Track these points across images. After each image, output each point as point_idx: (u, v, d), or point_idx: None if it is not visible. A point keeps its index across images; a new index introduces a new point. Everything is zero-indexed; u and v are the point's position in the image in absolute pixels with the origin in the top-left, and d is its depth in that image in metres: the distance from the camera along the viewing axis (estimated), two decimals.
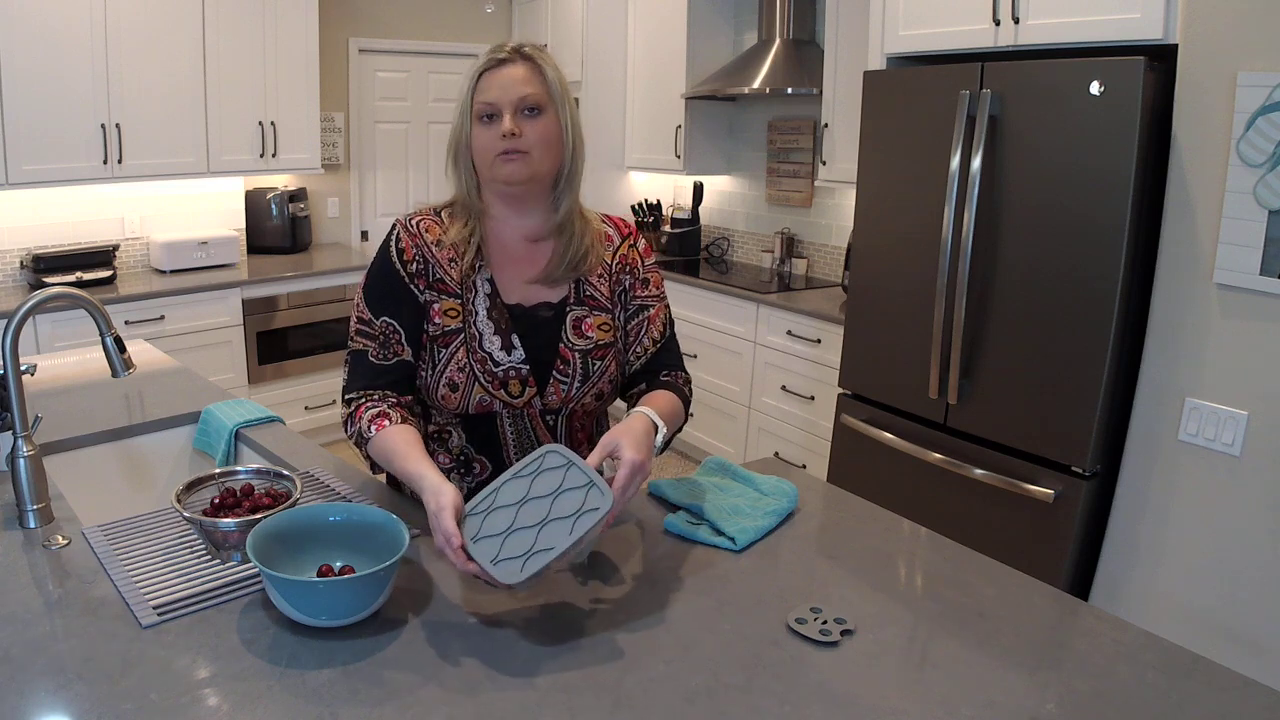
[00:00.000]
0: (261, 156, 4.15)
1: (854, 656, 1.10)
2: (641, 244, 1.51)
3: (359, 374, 1.38)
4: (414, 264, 1.38)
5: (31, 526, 1.35)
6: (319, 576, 1.15)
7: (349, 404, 1.37)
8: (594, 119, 4.75)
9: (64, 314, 3.35)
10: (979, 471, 2.54)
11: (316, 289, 4.16)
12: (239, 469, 1.41)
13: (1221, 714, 1.01)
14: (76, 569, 1.24)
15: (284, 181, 4.48)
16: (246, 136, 4.09)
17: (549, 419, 1.42)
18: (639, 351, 1.48)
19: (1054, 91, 2.27)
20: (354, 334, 1.39)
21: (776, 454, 3.68)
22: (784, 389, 3.67)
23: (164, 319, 3.69)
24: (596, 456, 1.20)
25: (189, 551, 1.29)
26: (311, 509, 1.24)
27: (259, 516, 1.23)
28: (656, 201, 4.90)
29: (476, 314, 1.38)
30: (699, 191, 4.66)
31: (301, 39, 4.18)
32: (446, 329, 1.37)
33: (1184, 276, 2.17)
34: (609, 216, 1.52)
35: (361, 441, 1.34)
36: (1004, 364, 2.47)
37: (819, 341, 3.48)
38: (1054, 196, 2.30)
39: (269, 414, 1.88)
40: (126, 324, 3.55)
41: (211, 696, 0.97)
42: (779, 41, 3.97)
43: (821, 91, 3.69)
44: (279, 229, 4.41)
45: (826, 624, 1.15)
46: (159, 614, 1.12)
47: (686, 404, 1.47)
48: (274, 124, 4.16)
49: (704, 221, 4.83)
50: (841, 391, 3.03)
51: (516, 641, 1.10)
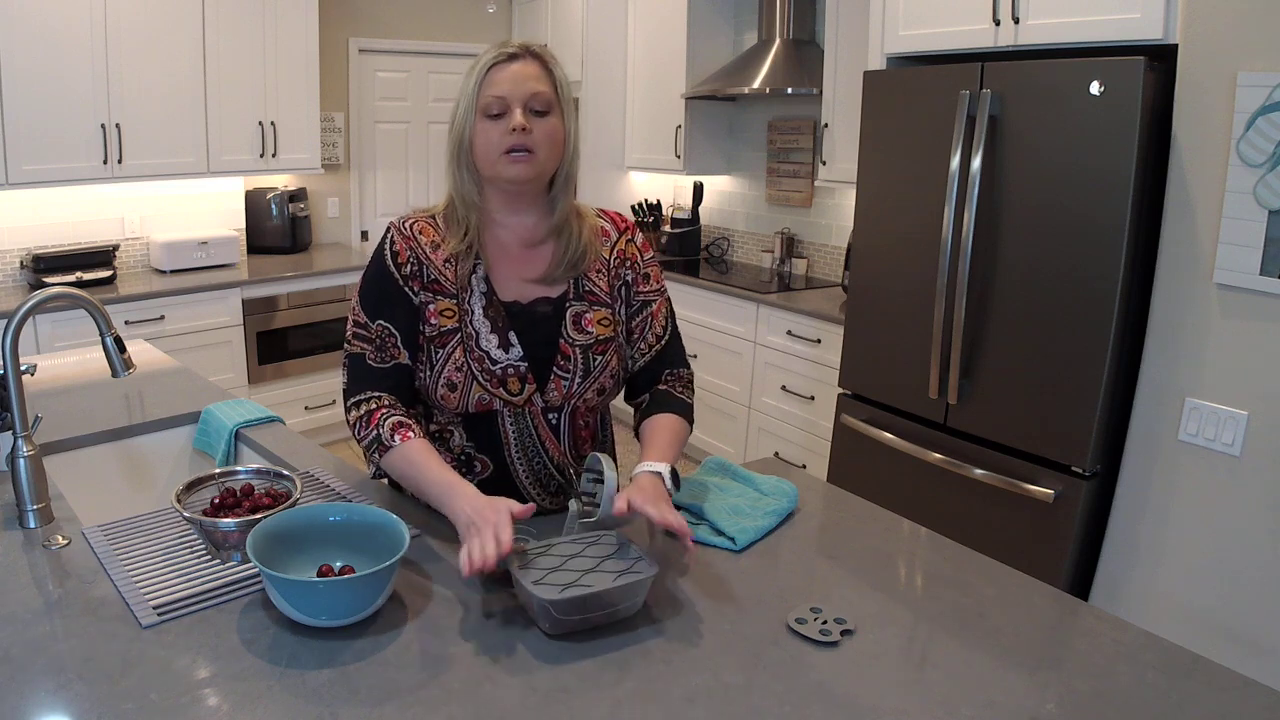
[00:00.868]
0: (261, 156, 4.15)
1: (854, 656, 1.10)
2: (639, 238, 1.51)
3: (359, 377, 1.37)
4: (408, 265, 1.37)
5: (31, 526, 1.35)
6: (319, 576, 1.15)
7: (357, 406, 1.36)
8: (594, 119, 4.75)
9: (64, 314, 3.35)
10: (979, 471, 2.54)
11: (316, 289, 4.16)
12: (239, 469, 1.41)
13: (1221, 714, 1.01)
14: (76, 569, 1.24)
15: (284, 181, 4.48)
16: (246, 136, 4.09)
17: (551, 417, 1.42)
18: (643, 349, 1.48)
19: (1054, 91, 2.27)
20: (350, 338, 1.39)
21: (776, 454, 3.68)
22: (784, 389, 3.67)
23: (164, 319, 3.69)
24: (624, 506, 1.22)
25: (189, 551, 1.29)
26: (311, 509, 1.24)
27: (259, 516, 1.23)
28: (656, 201, 4.90)
29: (472, 313, 1.38)
30: (699, 191, 4.66)
31: (301, 39, 4.18)
32: (443, 329, 1.37)
33: (1184, 276, 2.17)
34: (604, 211, 1.52)
35: (380, 448, 1.32)
36: (1004, 364, 2.47)
37: (819, 341, 3.48)
38: (1054, 196, 2.30)
39: (269, 414, 1.88)
40: (126, 324, 3.55)
41: (211, 696, 0.97)
42: (779, 41, 3.97)
43: (821, 91, 3.69)
44: (279, 229, 4.41)
45: (826, 624, 1.15)
46: (159, 614, 1.12)
47: (689, 411, 1.49)
48: (274, 124, 4.16)
49: (704, 221, 4.83)
50: (841, 391, 3.03)
51: (516, 641, 1.10)
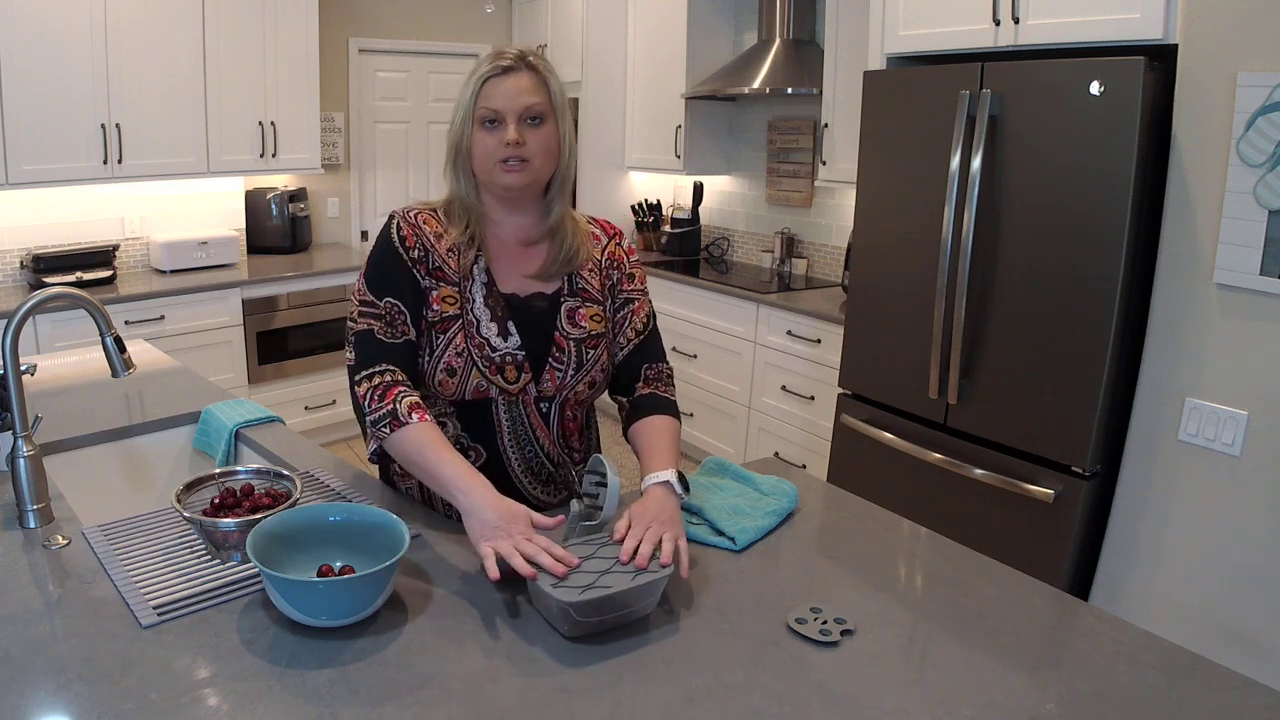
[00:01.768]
0: (261, 156, 4.15)
1: (854, 656, 1.10)
2: (626, 242, 1.58)
3: (369, 350, 1.36)
4: (415, 250, 1.40)
5: (31, 526, 1.35)
6: (319, 576, 1.15)
7: (369, 379, 1.34)
8: (594, 119, 4.75)
9: (64, 314, 3.35)
10: (979, 471, 2.54)
11: (316, 289, 4.16)
12: (239, 469, 1.41)
13: (1221, 714, 1.01)
14: (76, 569, 1.24)
15: (284, 181, 4.48)
16: (246, 136, 4.09)
17: (543, 407, 1.46)
18: (622, 342, 1.53)
19: (1054, 91, 2.27)
20: (356, 315, 1.39)
21: (776, 454, 3.68)
22: (784, 389, 3.67)
23: (164, 319, 3.68)
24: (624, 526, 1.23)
25: (189, 551, 1.29)
26: (311, 509, 1.24)
27: (259, 516, 1.23)
28: (656, 201, 4.90)
29: (474, 301, 1.41)
30: (699, 191, 4.66)
31: (301, 39, 4.18)
32: (445, 315, 1.40)
33: (1184, 276, 2.17)
34: (595, 219, 1.58)
35: (394, 423, 1.29)
36: (1004, 364, 2.47)
37: (819, 341, 3.48)
38: (1054, 196, 2.30)
39: (269, 414, 1.88)
40: (126, 324, 3.55)
41: (211, 696, 0.97)
42: (779, 41, 3.97)
43: (821, 91, 3.69)
44: (279, 229, 4.41)
45: (826, 624, 1.15)
46: (159, 614, 1.12)
47: (676, 408, 1.51)
48: (274, 124, 4.16)
49: (704, 221, 4.83)
50: (841, 391, 3.03)
51: (516, 641, 1.10)
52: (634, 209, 4.90)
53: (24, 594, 1.17)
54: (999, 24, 2.52)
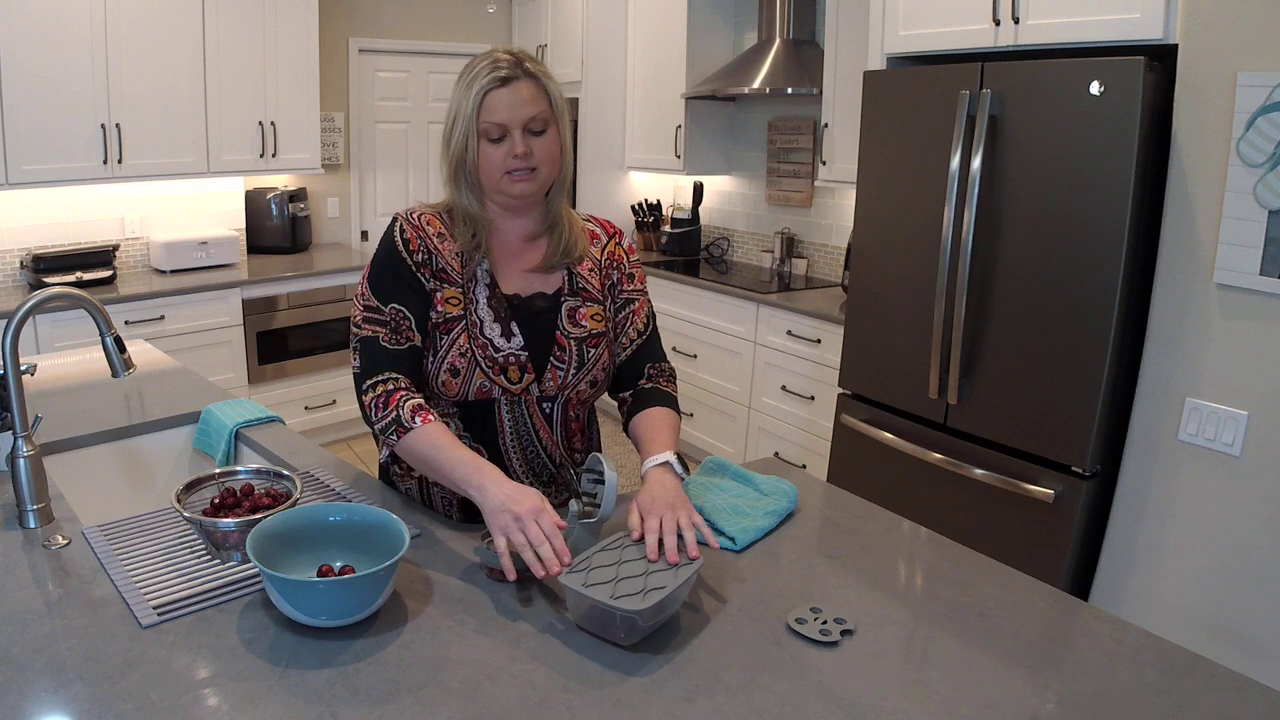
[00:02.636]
0: (261, 156, 4.15)
1: (854, 656, 1.10)
2: (626, 242, 1.58)
3: (375, 359, 1.36)
4: (419, 254, 1.40)
5: (31, 526, 1.35)
6: (319, 576, 1.15)
7: (373, 388, 1.34)
8: (594, 119, 4.75)
9: (64, 314, 3.35)
10: (979, 471, 2.54)
11: (316, 289, 4.16)
12: (239, 469, 1.41)
13: (1221, 714, 1.01)
14: (76, 569, 1.24)
15: (284, 181, 4.48)
16: (246, 136, 4.09)
17: (545, 407, 1.46)
18: (625, 343, 1.53)
19: (1054, 91, 2.27)
20: (361, 321, 1.38)
21: (776, 454, 3.68)
22: (784, 389, 3.67)
23: (164, 319, 3.68)
24: (635, 527, 1.24)
25: (189, 551, 1.29)
26: (311, 509, 1.24)
27: (259, 516, 1.23)
28: (656, 201, 4.90)
29: (477, 302, 1.42)
30: (699, 191, 4.66)
31: (301, 39, 4.18)
32: (449, 315, 1.40)
33: (1184, 276, 2.17)
34: (594, 218, 1.58)
35: (399, 429, 1.30)
36: (1004, 364, 2.47)
37: (819, 341, 3.48)
38: (1054, 196, 2.30)
39: (269, 414, 1.88)
40: (126, 324, 3.55)
41: (211, 696, 0.97)
42: (779, 41, 3.97)
43: (821, 91, 3.69)
44: (279, 229, 4.41)
45: (826, 624, 1.15)
46: (159, 614, 1.12)
47: (676, 403, 1.52)
48: (274, 124, 4.16)
49: (704, 221, 4.83)
50: (841, 391, 3.03)
51: (516, 641, 1.10)
52: (634, 209, 4.90)
53: (24, 594, 1.17)
54: (999, 24, 2.52)
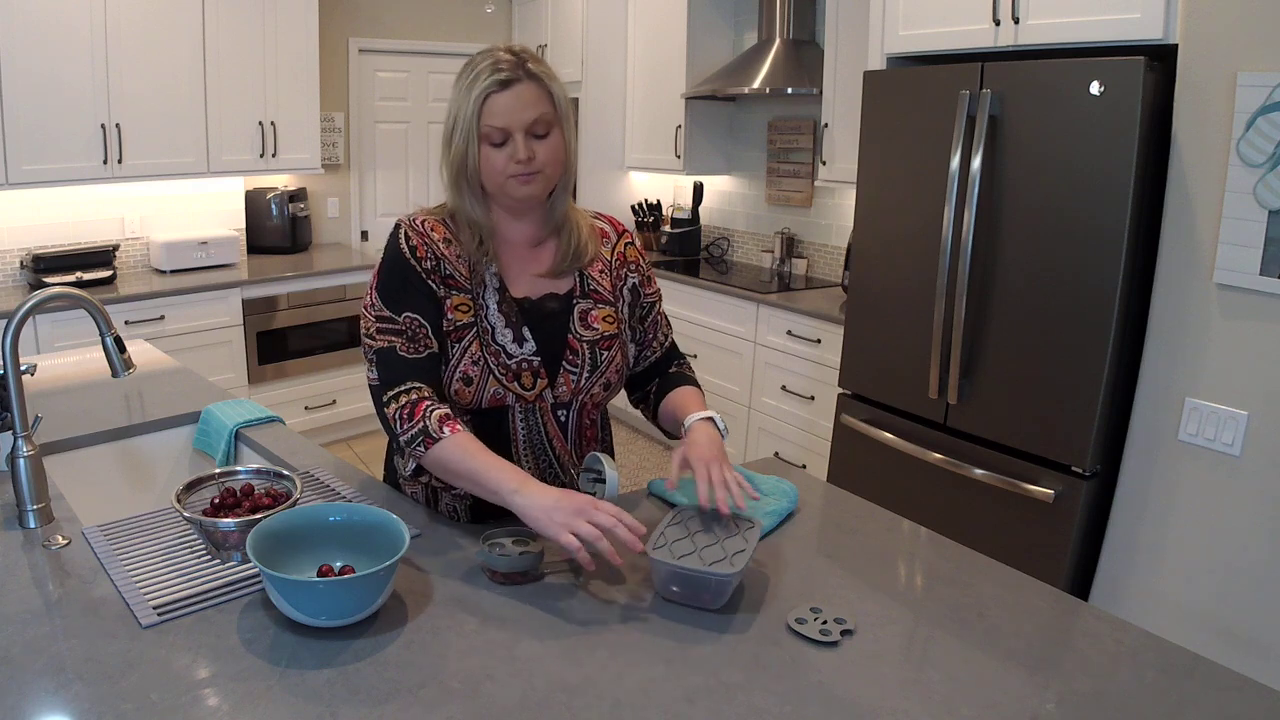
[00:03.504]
0: (261, 156, 4.15)
1: (854, 656, 1.10)
2: (638, 241, 1.57)
3: (394, 369, 1.33)
4: (427, 260, 1.38)
5: (31, 526, 1.35)
6: (319, 576, 1.15)
7: (396, 399, 1.31)
8: (594, 119, 4.75)
9: (64, 314, 3.35)
10: (979, 471, 2.54)
11: (316, 289, 4.16)
12: (239, 469, 1.41)
13: (1221, 714, 1.01)
14: (76, 569, 1.24)
15: (284, 181, 4.48)
16: (246, 136, 4.09)
17: (560, 414, 1.44)
18: (655, 346, 1.56)
19: (1054, 91, 2.27)
20: (375, 333, 1.35)
21: (776, 454, 3.68)
22: (784, 389, 3.67)
23: (164, 319, 3.68)
24: (675, 474, 1.35)
25: (189, 551, 1.29)
26: (311, 509, 1.24)
27: (259, 516, 1.23)
28: (656, 201, 4.90)
29: (487, 308, 1.40)
30: (699, 191, 4.66)
31: (301, 39, 4.18)
32: (459, 324, 1.38)
33: (1184, 276, 2.17)
34: (601, 214, 1.56)
35: (428, 440, 1.28)
36: (1004, 364, 2.47)
37: (819, 341, 3.48)
38: (1054, 197, 2.30)
39: (269, 414, 1.88)
40: (126, 324, 3.55)
41: (211, 696, 0.97)
42: (779, 41, 3.97)
43: (821, 91, 3.69)
44: (279, 229, 4.41)
45: (826, 624, 1.15)
46: (159, 614, 1.12)
47: (701, 389, 1.57)
48: (274, 124, 4.16)
49: (704, 221, 4.83)
50: (841, 391, 3.03)
51: (516, 641, 1.10)
52: (634, 209, 4.90)
53: (24, 594, 1.17)
54: (999, 24, 2.52)
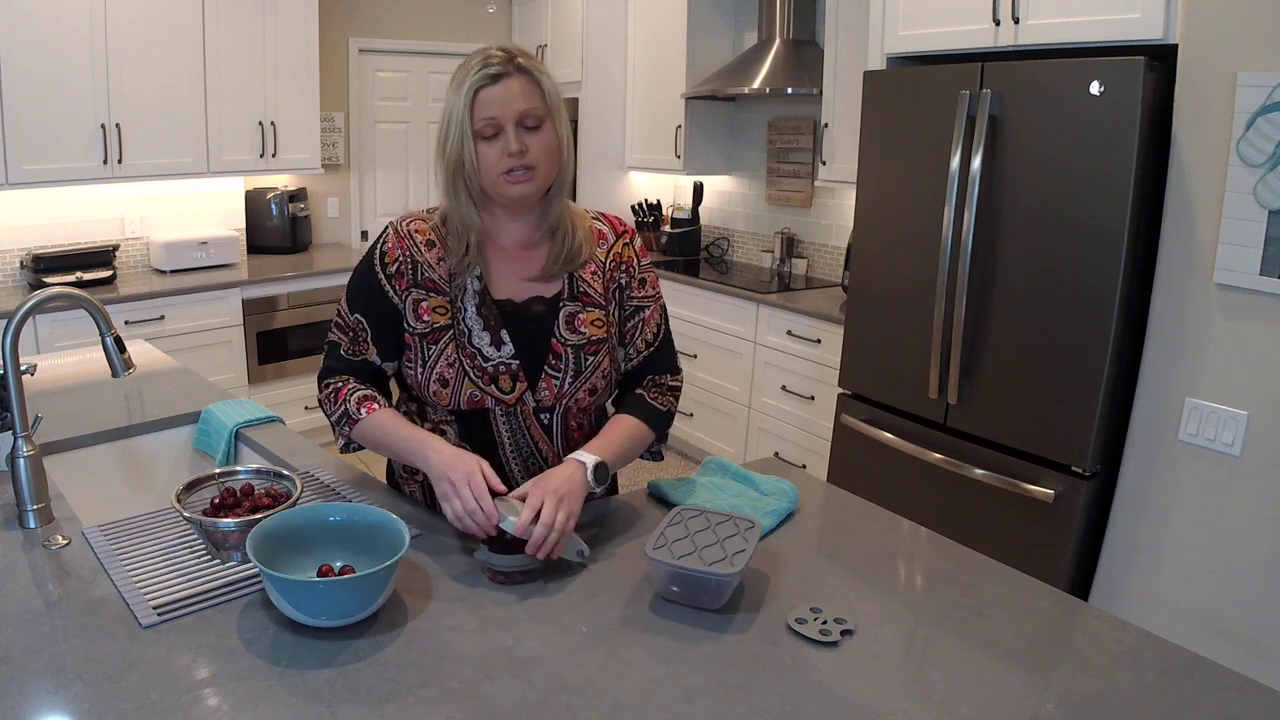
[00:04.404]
0: (261, 156, 4.15)
1: (854, 656, 1.10)
2: (638, 243, 1.52)
3: (333, 362, 1.44)
4: (395, 264, 1.40)
5: (31, 526, 1.35)
6: (319, 576, 1.15)
7: (327, 386, 1.43)
8: (594, 119, 4.75)
9: (64, 314, 3.35)
10: (979, 471, 2.54)
11: (316, 289, 4.16)
12: (239, 469, 1.41)
13: (1221, 714, 1.01)
14: (76, 569, 1.24)
15: (284, 181, 4.48)
16: (246, 136, 4.09)
17: (543, 418, 1.43)
18: (632, 354, 1.49)
19: (1054, 91, 2.27)
20: (332, 325, 1.46)
21: (776, 454, 3.68)
22: (784, 389, 3.67)
23: (164, 319, 3.69)
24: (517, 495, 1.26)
25: (189, 551, 1.29)
26: (311, 509, 1.24)
27: (259, 516, 1.23)
28: (656, 201, 4.90)
29: (465, 311, 1.39)
30: (699, 191, 4.66)
31: (301, 39, 4.18)
32: (435, 325, 1.38)
33: (1184, 276, 2.17)
34: (604, 214, 1.52)
35: (349, 421, 1.38)
36: (1004, 364, 2.47)
37: (819, 341, 3.48)
38: (1054, 197, 2.30)
39: (269, 414, 1.88)
40: (126, 324, 3.55)
41: (211, 696, 0.97)
42: (779, 41, 3.97)
43: (821, 91, 3.69)
44: (279, 229, 4.41)
45: (826, 624, 1.15)
46: (159, 614, 1.12)
47: (659, 418, 1.48)
48: (274, 124, 4.16)
49: (704, 221, 4.83)
50: (841, 391, 3.03)
51: (516, 642, 1.10)
52: (634, 209, 4.90)
53: (24, 594, 1.17)
54: (999, 24, 2.52)
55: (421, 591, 1.21)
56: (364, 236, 5.01)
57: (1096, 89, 2.17)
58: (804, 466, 3.50)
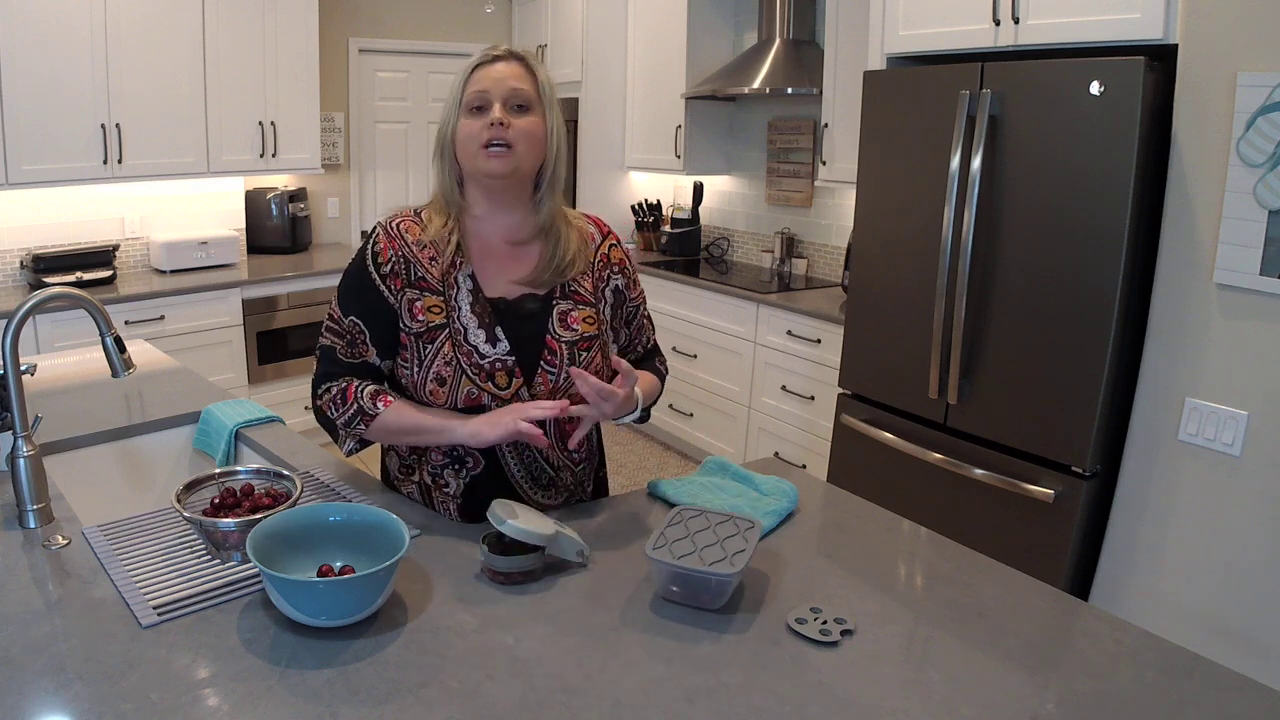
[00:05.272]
0: (261, 156, 4.15)
1: (854, 656, 1.10)
2: (622, 243, 1.59)
3: (329, 365, 1.43)
4: (389, 264, 1.40)
5: (31, 526, 1.35)
6: (319, 576, 1.15)
7: (329, 390, 1.41)
8: (594, 119, 4.75)
9: (64, 314, 3.35)
10: (979, 471, 2.54)
11: (316, 289, 4.16)
12: (239, 469, 1.41)
13: (1221, 714, 1.01)
14: (76, 569, 1.24)
15: (284, 181, 4.48)
16: (246, 136, 4.09)
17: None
18: (638, 350, 1.58)
19: (1054, 91, 2.27)
20: (324, 330, 1.44)
21: (776, 454, 3.68)
22: (784, 389, 3.67)
23: (164, 319, 3.68)
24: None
25: (189, 551, 1.29)
26: (311, 509, 1.24)
27: (259, 516, 1.23)
28: (656, 201, 4.90)
29: (460, 309, 1.40)
30: (699, 191, 4.66)
31: (301, 39, 4.19)
32: (431, 325, 1.39)
33: (1184, 276, 2.17)
34: (587, 215, 1.56)
35: (365, 418, 1.37)
36: (1004, 364, 2.47)
37: (819, 341, 3.48)
38: (1054, 197, 2.30)
39: (269, 414, 1.88)
40: (126, 324, 3.55)
41: (211, 696, 0.97)
42: (779, 41, 3.97)
43: (821, 91, 3.69)
44: (279, 229, 4.41)
45: (826, 624, 1.15)
46: (159, 614, 1.12)
47: (663, 379, 1.62)
48: (274, 124, 4.16)
49: (704, 221, 4.83)
50: (841, 391, 3.03)
51: (516, 642, 1.10)
52: (634, 209, 4.90)
53: (24, 594, 1.17)
54: (999, 24, 2.52)
55: (421, 591, 1.21)
56: (364, 236, 5.01)
57: (1096, 89, 2.17)
58: (804, 466, 3.50)
